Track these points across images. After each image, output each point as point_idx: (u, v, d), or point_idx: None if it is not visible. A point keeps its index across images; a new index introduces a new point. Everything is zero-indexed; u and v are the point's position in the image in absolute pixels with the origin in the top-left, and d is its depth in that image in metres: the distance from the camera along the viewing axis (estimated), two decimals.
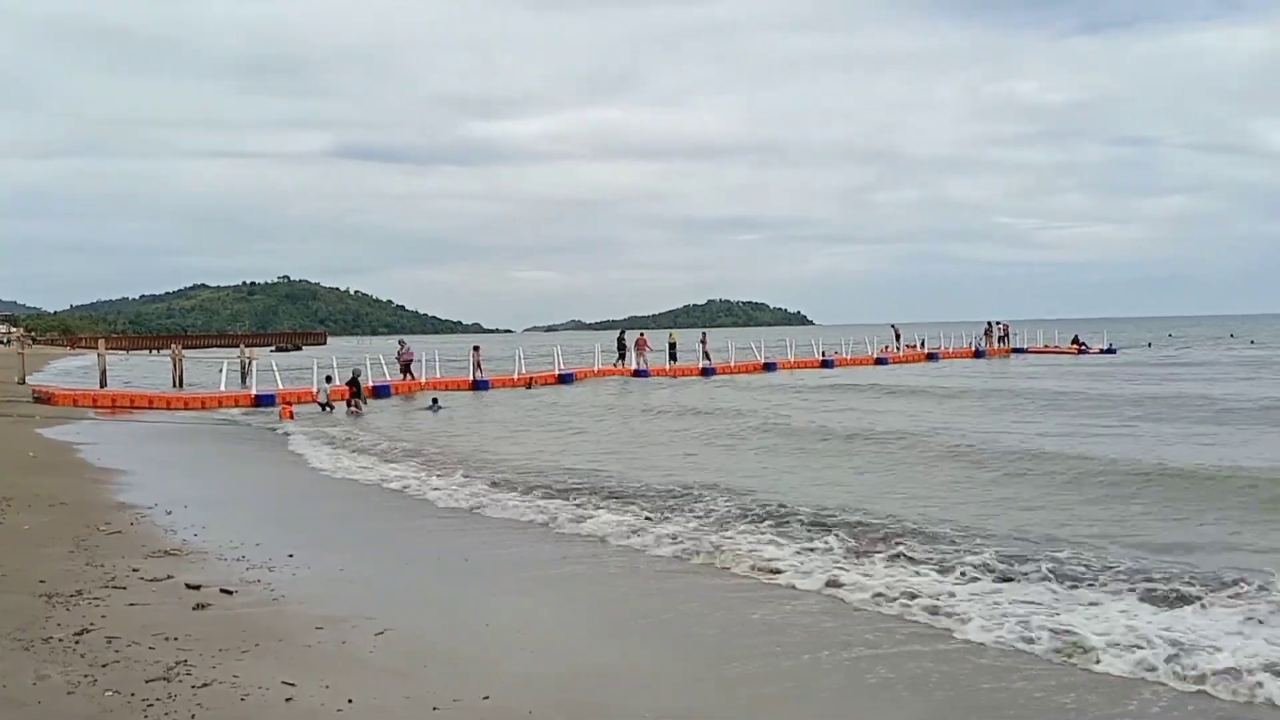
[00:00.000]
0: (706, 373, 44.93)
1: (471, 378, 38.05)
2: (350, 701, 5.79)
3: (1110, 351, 59.27)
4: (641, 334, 48.65)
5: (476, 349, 40.25)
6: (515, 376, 39.62)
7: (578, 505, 12.86)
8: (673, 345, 47.32)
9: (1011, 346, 60.78)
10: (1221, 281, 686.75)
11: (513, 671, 6.55)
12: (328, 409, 28.74)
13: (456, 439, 21.89)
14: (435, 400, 30.49)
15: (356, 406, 28.83)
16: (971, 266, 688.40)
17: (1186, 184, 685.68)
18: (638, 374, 42.88)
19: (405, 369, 37.69)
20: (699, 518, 11.87)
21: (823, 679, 6.45)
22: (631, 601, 8.51)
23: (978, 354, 57.97)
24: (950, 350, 59.33)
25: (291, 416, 26.65)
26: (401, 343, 39.71)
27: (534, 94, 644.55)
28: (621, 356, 45.83)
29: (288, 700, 5.79)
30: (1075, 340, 62.03)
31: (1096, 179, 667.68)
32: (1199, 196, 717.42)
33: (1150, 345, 71.02)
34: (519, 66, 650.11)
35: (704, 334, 50.50)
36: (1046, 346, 61.85)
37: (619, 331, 49.61)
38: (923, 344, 60.76)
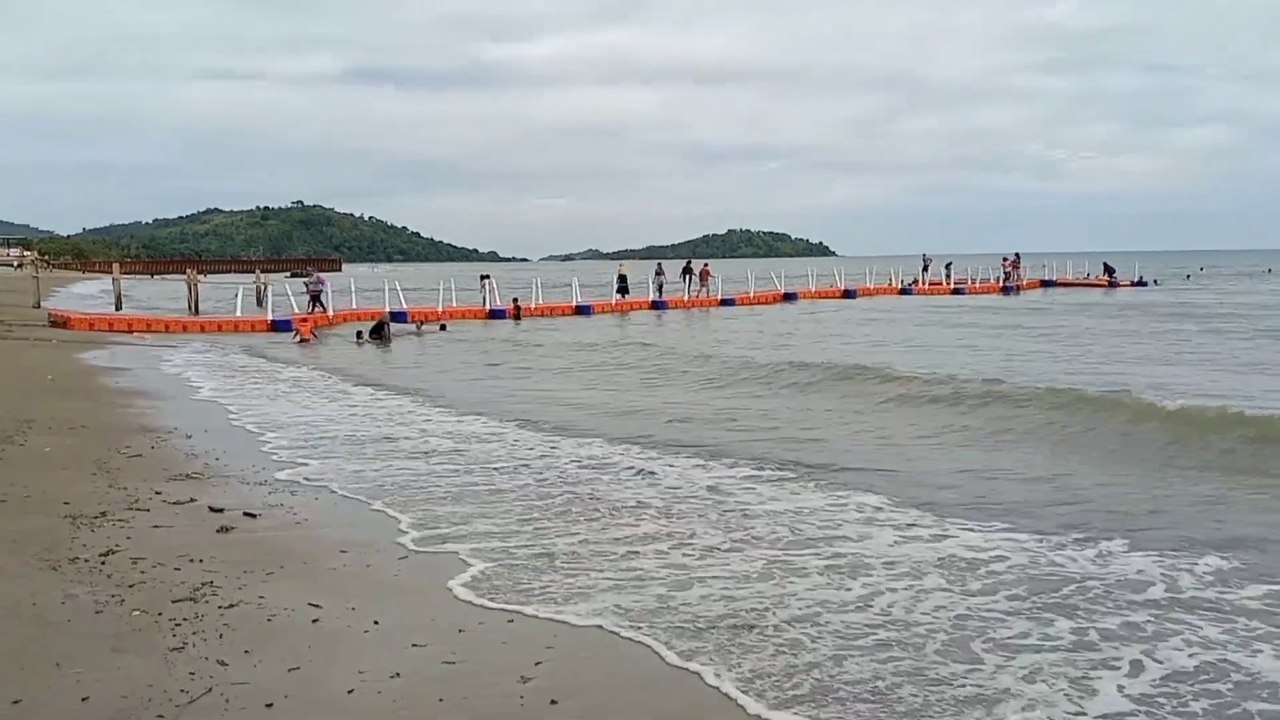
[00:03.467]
0: (725, 303, 45.07)
1: (487, 306, 38.05)
2: (376, 623, 5.82)
3: (1142, 284, 58.05)
4: (705, 264, 48.48)
5: (487, 277, 40.29)
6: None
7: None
8: (623, 278, 44.00)
9: (1041, 280, 59.47)
10: (1250, 215, 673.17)
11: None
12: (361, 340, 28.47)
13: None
14: (419, 324, 30.43)
15: (379, 338, 28.59)
16: (996, 198, 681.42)
17: (1218, 114, 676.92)
18: (655, 305, 42.73)
19: (314, 300, 35.06)
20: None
21: None
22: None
23: (1005, 290, 56.12)
24: (976, 284, 57.75)
25: (313, 336, 27.07)
26: (308, 273, 38.08)
27: (546, 14, 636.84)
28: (687, 285, 45.65)
29: (314, 621, 5.82)
30: (1106, 269, 60.29)
31: (1125, 109, 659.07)
32: (1231, 128, 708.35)
33: (1189, 278, 68.98)
34: None
35: (659, 265, 47.82)
36: (1078, 278, 60.13)
37: (685, 261, 48.79)
38: (948, 275, 58.73)
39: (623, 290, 43.09)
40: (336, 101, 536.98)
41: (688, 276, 46.27)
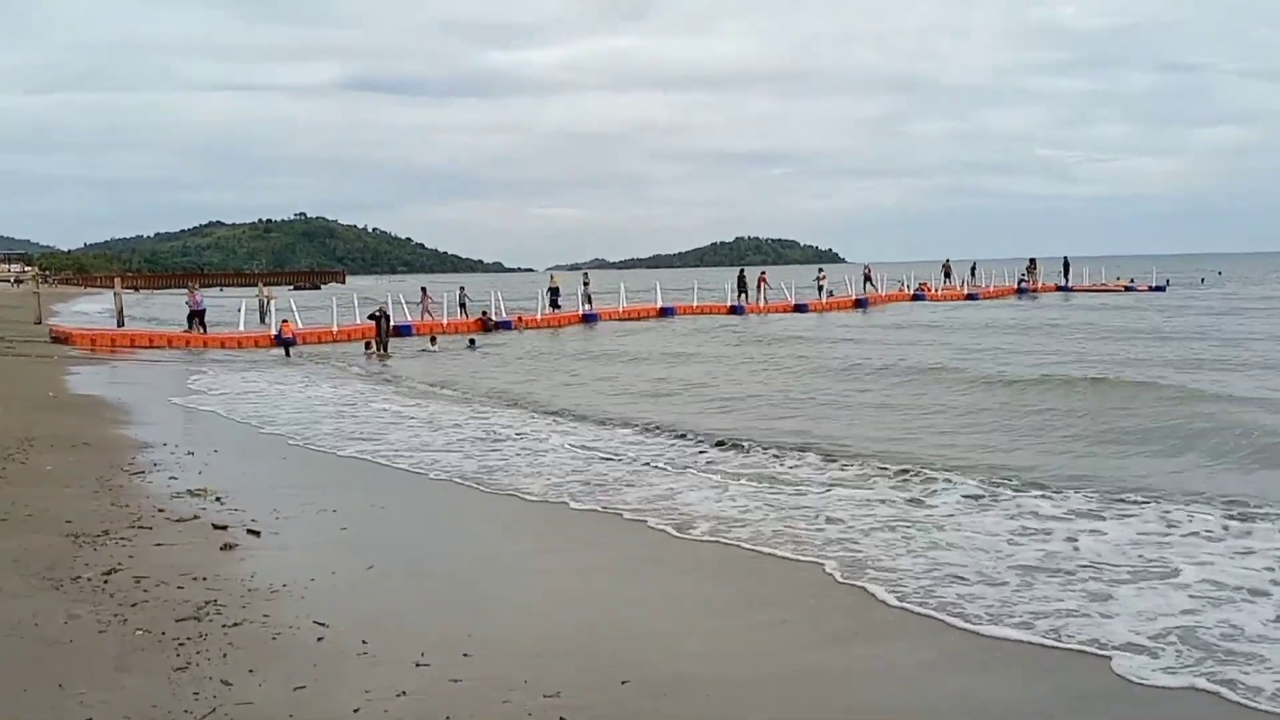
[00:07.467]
0: (735, 309, 44.45)
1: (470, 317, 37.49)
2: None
3: (1160, 289, 57.75)
4: (763, 272, 49.25)
5: (424, 290, 39.08)
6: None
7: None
8: (554, 290, 42.71)
9: (1055, 285, 59.00)
10: (1272, 216, 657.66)
11: (541, 615, 6.54)
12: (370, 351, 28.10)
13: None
14: (472, 340, 30.75)
15: (380, 350, 28.29)
16: (1009, 201, 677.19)
17: (1238, 113, 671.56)
18: (734, 309, 43.98)
19: (195, 319, 32.91)
20: None
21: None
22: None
23: (1020, 292, 56.07)
24: (990, 289, 56.93)
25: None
26: (191, 289, 36.63)
27: (550, 21, 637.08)
28: (743, 293, 46.13)
29: (319, 640, 5.78)
30: (1065, 266, 60.55)
31: (1141, 109, 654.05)
32: (1252, 126, 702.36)
33: (1204, 281, 68.03)
34: None
35: (585, 273, 46.66)
36: (1096, 285, 59.78)
37: (739, 271, 48.90)
38: (963, 282, 57.13)
39: (554, 304, 41.77)
40: (340, 112, 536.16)
41: (743, 286, 46.46)
